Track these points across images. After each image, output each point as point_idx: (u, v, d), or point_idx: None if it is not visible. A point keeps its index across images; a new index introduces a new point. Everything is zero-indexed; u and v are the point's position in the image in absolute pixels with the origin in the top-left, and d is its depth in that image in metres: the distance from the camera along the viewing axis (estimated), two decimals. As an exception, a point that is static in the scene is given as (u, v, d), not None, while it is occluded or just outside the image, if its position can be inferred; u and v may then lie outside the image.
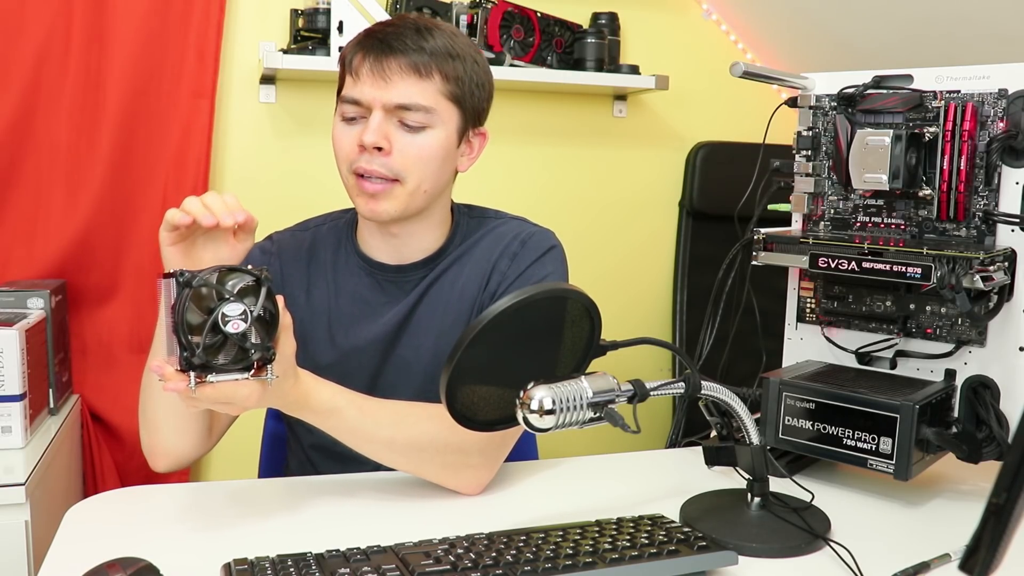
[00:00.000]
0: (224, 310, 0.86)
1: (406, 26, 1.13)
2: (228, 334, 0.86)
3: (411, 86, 1.11)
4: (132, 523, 1.00)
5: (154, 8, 1.94)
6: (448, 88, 1.13)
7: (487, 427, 0.92)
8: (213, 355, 0.87)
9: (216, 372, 0.88)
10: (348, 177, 1.16)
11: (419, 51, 1.11)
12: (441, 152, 1.15)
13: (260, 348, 0.88)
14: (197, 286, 0.86)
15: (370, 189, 1.13)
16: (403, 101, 1.11)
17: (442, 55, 1.12)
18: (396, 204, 1.14)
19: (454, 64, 1.13)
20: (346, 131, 1.15)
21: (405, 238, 1.21)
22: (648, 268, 2.53)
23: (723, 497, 1.07)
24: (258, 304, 0.88)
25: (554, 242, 1.24)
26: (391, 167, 1.12)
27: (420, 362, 1.21)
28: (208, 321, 0.86)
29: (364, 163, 1.12)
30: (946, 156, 1.12)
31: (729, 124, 2.49)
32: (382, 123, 1.11)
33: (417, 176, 1.14)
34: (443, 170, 1.17)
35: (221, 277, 0.87)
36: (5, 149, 1.87)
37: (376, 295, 1.23)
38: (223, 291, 0.87)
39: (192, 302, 0.86)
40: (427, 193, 1.16)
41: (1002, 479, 0.55)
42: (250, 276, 0.89)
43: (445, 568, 0.81)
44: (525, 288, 0.87)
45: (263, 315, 0.88)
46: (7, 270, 1.90)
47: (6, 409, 1.54)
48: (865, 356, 1.23)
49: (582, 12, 2.32)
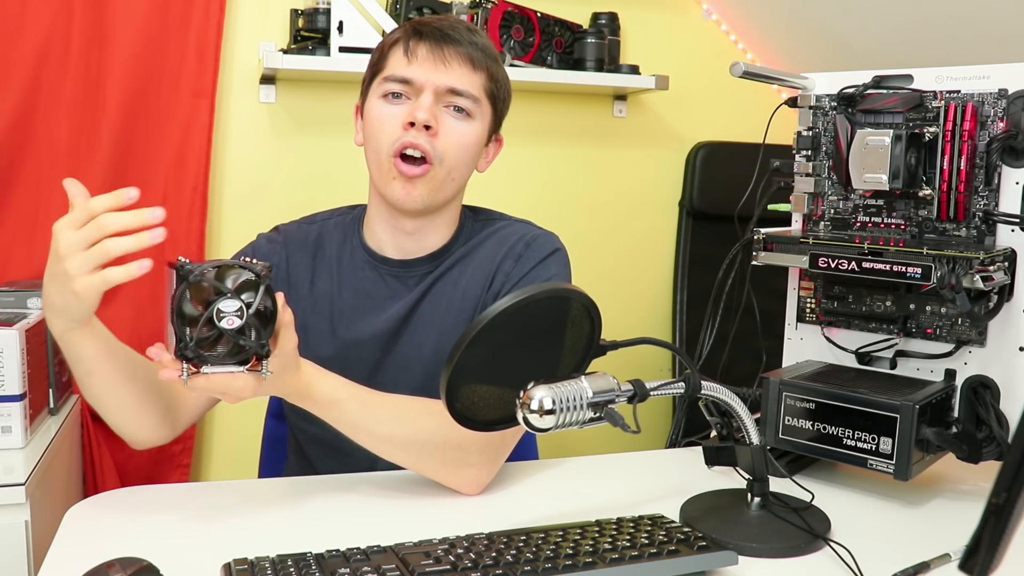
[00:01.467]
0: (220, 306, 0.86)
1: (458, 22, 1.20)
2: (223, 330, 0.86)
3: (466, 74, 1.17)
4: (132, 523, 1.00)
5: (154, 8, 1.94)
6: (490, 86, 1.20)
7: (487, 427, 0.92)
8: (208, 348, 0.87)
9: (210, 364, 0.89)
10: (386, 160, 1.16)
11: (473, 46, 1.18)
12: (476, 144, 1.20)
13: (255, 345, 0.89)
14: (195, 280, 0.86)
15: (409, 172, 1.15)
16: (457, 86, 1.16)
17: (490, 55, 1.20)
18: (431, 189, 1.17)
19: (496, 67, 1.21)
20: (390, 109, 1.17)
21: (417, 234, 1.23)
22: (648, 268, 2.53)
23: (723, 497, 1.07)
24: (256, 301, 0.88)
25: (558, 245, 1.26)
26: (435, 147, 1.16)
27: (421, 359, 1.22)
28: (203, 316, 0.86)
29: (411, 137, 1.14)
30: (946, 156, 1.12)
31: (729, 124, 2.49)
32: (433, 104, 1.16)
33: (452, 161, 1.17)
34: (471, 163, 1.22)
35: (221, 272, 0.87)
36: (5, 149, 1.87)
37: (379, 289, 1.24)
38: (221, 287, 0.87)
39: (190, 294, 0.86)
40: (454, 182, 1.20)
41: (1002, 479, 0.55)
42: (250, 272, 0.89)
43: (445, 568, 0.81)
44: (525, 288, 0.87)
45: (261, 311, 0.88)
46: (7, 270, 1.90)
47: (6, 409, 1.54)
48: (865, 356, 1.23)
49: (582, 12, 2.32)
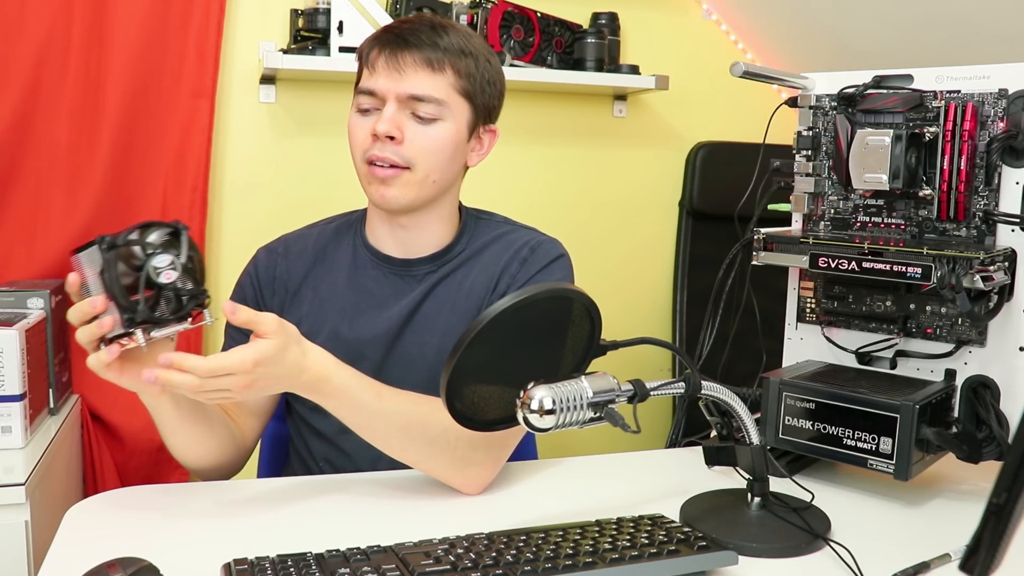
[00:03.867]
0: (153, 263, 0.89)
1: (422, 23, 1.19)
2: (162, 285, 0.89)
3: (424, 79, 1.16)
4: (132, 523, 1.00)
5: (154, 8, 1.93)
6: (460, 83, 1.18)
7: (487, 427, 0.92)
8: (152, 310, 0.89)
9: (158, 326, 0.90)
10: (361, 166, 1.19)
11: (433, 47, 1.16)
12: (451, 144, 1.19)
13: (194, 293, 0.91)
14: (122, 245, 0.88)
15: (380, 174, 1.17)
16: (415, 92, 1.15)
17: (455, 52, 1.17)
18: (406, 191, 1.18)
19: (466, 61, 1.18)
20: (361, 121, 1.19)
21: (413, 230, 1.24)
22: (648, 268, 2.53)
23: (723, 497, 1.07)
24: (182, 252, 0.91)
25: (563, 252, 1.28)
26: (402, 155, 1.16)
27: (425, 359, 1.22)
28: (141, 276, 0.88)
29: (377, 151, 1.16)
30: (946, 156, 1.12)
31: (729, 124, 2.49)
32: (395, 114, 1.16)
33: (426, 165, 1.17)
34: (453, 162, 1.21)
35: (142, 234, 0.90)
36: (5, 149, 1.87)
37: (382, 287, 1.24)
38: (148, 245, 0.89)
39: (121, 262, 0.88)
40: (436, 184, 1.20)
41: (1002, 479, 0.55)
42: (168, 227, 0.91)
43: (445, 568, 0.81)
44: (526, 288, 0.87)
45: (187, 263, 0.91)
46: (7, 270, 1.90)
47: (6, 409, 1.54)
48: (865, 356, 1.23)
49: (582, 12, 2.32)
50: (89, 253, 0.89)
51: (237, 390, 0.93)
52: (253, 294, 1.28)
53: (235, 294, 1.29)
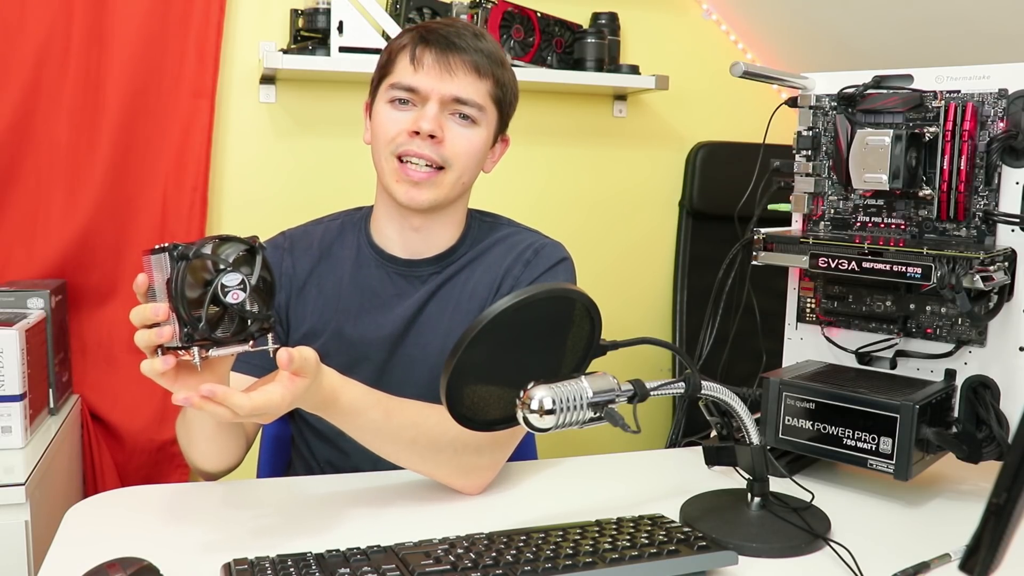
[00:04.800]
0: (223, 280, 0.85)
1: (465, 28, 1.20)
2: (228, 304, 0.85)
3: (471, 83, 1.17)
4: (132, 523, 1.00)
5: (154, 8, 1.93)
6: (496, 91, 1.21)
7: (487, 427, 0.92)
8: (213, 328, 0.86)
9: (217, 346, 0.87)
10: (389, 161, 1.18)
11: (479, 52, 1.18)
12: (482, 149, 1.22)
13: (259, 317, 0.88)
14: (193, 258, 0.85)
15: (415, 176, 1.17)
16: (462, 95, 1.17)
17: (496, 61, 1.20)
18: (438, 192, 1.19)
19: (503, 72, 1.22)
20: (396, 116, 1.18)
21: (424, 232, 1.24)
22: (648, 268, 2.53)
23: (723, 497, 1.07)
24: (255, 273, 0.87)
25: (566, 255, 1.28)
26: (440, 153, 1.17)
27: (427, 361, 1.22)
28: (208, 292, 0.85)
29: (415, 147, 1.16)
30: (946, 156, 1.12)
31: (729, 124, 2.49)
32: (438, 112, 1.16)
33: (460, 166, 1.19)
34: (478, 166, 1.24)
35: (216, 248, 0.86)
36: (5, 149, 1.87)
37: (385, 287, 1.24)
38: (220, 261, 0.86)
39: (189, 275, 0.85)
40: (464, 185, 1.22)
41: (1002, 479, 0.55)
42: (243, 245, 0.88)
43: (445, 568, 0.81)
44: (526, 288, 0.88)
45: (259, 284, 0.88)
46: (7, 270, 1.90)
47: (6, 409, 1.54)
48: (865, 356, 1.23)
49: (582, 12, 2.32)
50: (159, 258, 0.85)
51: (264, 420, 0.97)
52: None
53: None
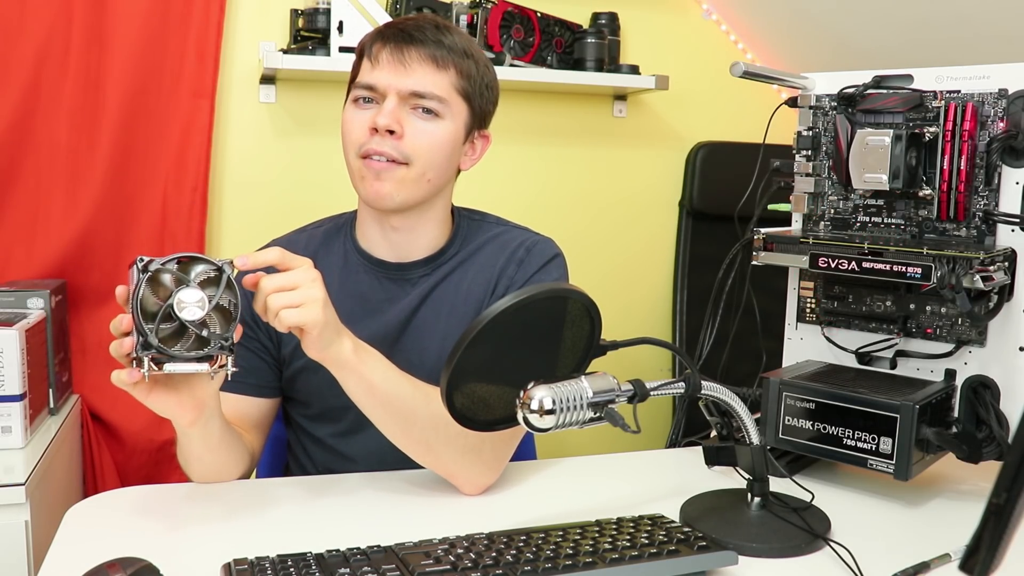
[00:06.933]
0: (180, 296, 0.86)
1: (427, 22, 1.18)
2: (184, 321, 0.86)
3: (428, 75, 1.15)
4: (132, 523, 1.00)
5: (154, 8, 1.93)
6: (461, 84, 1.18)
7: (487, 427, 0.92)
8: (170, 343, 0.86)
9: (172, 361, 0.87)
10: (355, 161, 1.17)
11: (438, 44, 1.16)
12: (449, 143, 1.18)
13: (218, 338, 0.88)
14: (155, 271, 0.86)
15: (376, 166, 1.15)
16: (419, 88, 1.15)
17: (459, 52, 1.17)
18: (401, 188, 1.16)
19: (468, 63, 1.18)
20: (358, 115, 1.17)
21: (405, 233, 1.22)
22: (648, 268, 2.53)
23: (723, 497, 1.07)
24: (218, 293, 0.88)
25: (558, 251, 1.27)
26: (401, 150, 1.15)
27: (424, 366, 1.21)
28: (163, 306, 0.85)
29: (375, 145, 1.15)
30: (946, 156, 1.12)
31: (729, 124, 2.49)
32: (396, 108, 1.15)
33: (424, 162, 1.16)
34: (449, 162, 1.20)
35: (183, 265, 0.88)
36: (5, 149, 1.87)
37: (376, 292, 1.23)
38: (183, 278, 0.87)
39: (149, 288, 0.86)
40: (431, 183, 1.18)
41: (1002, 479, 0.55)
42: (212, 266, 0.88)
43: (445, 568, 0.81)
44: (525, 288, 0.87)
45: (224, 306, 0.88)
46: (7, 270, 1.90)
47: (6, 409, 1.54)
48: (865, 356, 1.23)
49: (582, 12, 2.32)
50: (132, 271, 0.87)
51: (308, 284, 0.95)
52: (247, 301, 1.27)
53: None
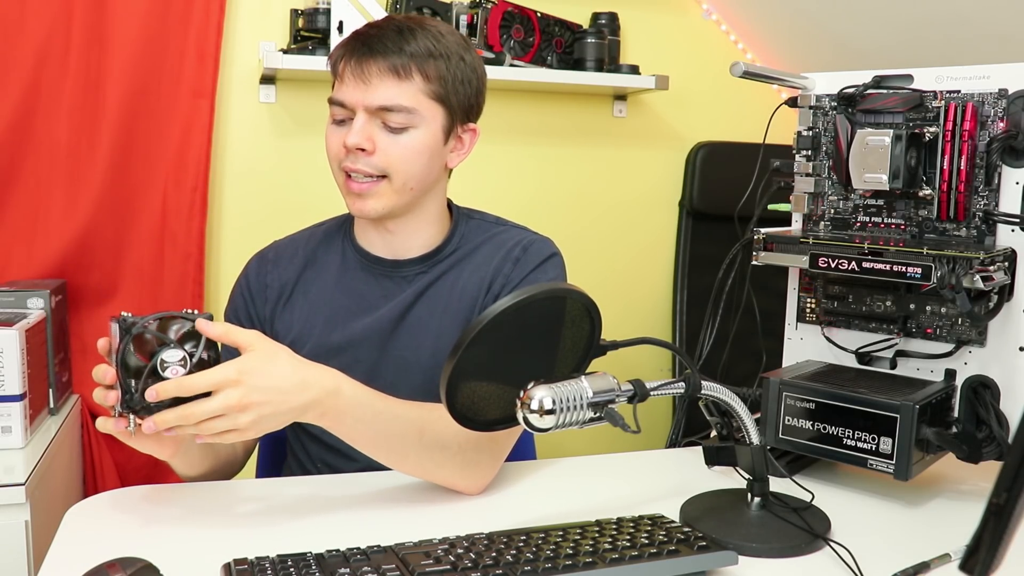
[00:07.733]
0: (163, 356, 0.89)
1: (388, 28, 1.15)
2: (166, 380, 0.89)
3: (390, 88, 1.13)
4: (132, 523, 1.00)
5: (154, 8, 1.93)
6: (429, 88, 1.15)
7: (487, 427, 0.92)
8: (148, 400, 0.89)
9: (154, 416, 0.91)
10: (339, 176, 1.19)
11: (399, 53, 1.13)
12: (426, 151, 1.17)
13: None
14: (138, 332, 0.89)
15: (356, 188, 1.17)
16: (383, 103, 1.13)
17: (422, 56, 1.14)
18: (383, 201, 1.17)
19: (436, 63, 1.15)
20: (335, 132, 1.18)
21: (400, 234, 1.23)
22: (648, 268, 2.53)
23: (723, 497, 1.07)
24: (199, 351, 0.91)
25: (555, 250, 1.27)
26: (376, 165, 1.15)
27: (419, 362, 1.22)
28: (147, 367, 0.89)
29: (350, 163, 1.16)
30: (946, 156, 1.12)
31: (729, 124, 2.49)
32: (365, 124, 1.14)
33: (402, 173, 1.16)
34: (430, 167, 1.19)
35: (163, 324, 0.91)
36: (5, 149, 1.87)
37: (371, 288, 1.24)
38: (164, 337, 0.90)
39: (133, 346, 0.89)
40: (414, 191, 1.19)
41: (1002, 479, 0.55)
42: (190, 322, 0.91)
43: (445, 568, 0.81)
44: (525, 288, 0.87)
45: (204, 360, 0.91)
46: (7, 270, 1.90)
47: (6, 409, 1.54)
48: (865, 356, 1.23)
49: (582, 12, 2.32)
50: (114, 326, 0.90)
51: (234, 414, 0.90)
52: (244, 304, 1.28)
53: (229, 305, 1.30)
